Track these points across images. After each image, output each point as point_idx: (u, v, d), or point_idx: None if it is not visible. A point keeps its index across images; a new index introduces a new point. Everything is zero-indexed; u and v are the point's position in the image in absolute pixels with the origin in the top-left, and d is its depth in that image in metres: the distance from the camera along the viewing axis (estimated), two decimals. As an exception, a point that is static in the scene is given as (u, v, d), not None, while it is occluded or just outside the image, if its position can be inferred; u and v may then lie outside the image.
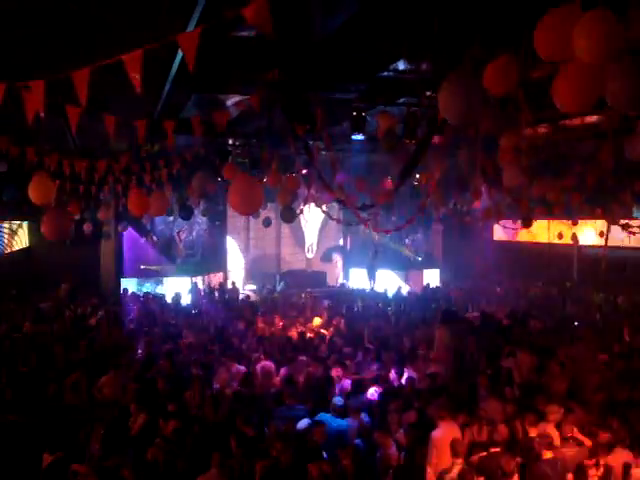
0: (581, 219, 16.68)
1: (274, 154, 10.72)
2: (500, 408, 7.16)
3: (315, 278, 21.15)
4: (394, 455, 6.24)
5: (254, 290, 19.77)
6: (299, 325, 12.74)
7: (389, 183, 12.41)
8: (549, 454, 5.92)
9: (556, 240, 18.36)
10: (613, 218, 13.83)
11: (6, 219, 15.42)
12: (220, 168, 11.90)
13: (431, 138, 7.54)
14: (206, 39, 3.43)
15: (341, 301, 16.53)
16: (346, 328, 12.49)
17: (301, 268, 22.38)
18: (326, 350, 10.16)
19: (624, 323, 12.22)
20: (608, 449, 6.05)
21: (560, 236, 17.80)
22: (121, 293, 16.79)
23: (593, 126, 9.35)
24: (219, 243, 20.56)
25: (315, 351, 10.14)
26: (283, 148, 10.34)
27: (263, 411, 7.18)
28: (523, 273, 20.03)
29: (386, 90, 8.53)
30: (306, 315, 14.06)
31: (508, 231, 19.60)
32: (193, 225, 19.43)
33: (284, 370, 8.98)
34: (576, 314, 14.56)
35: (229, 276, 20.74)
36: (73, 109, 4.63)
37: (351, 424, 6.88)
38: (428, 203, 12.33)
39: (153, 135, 9.02)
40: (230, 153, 12.14)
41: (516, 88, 4.76)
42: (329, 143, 10.24)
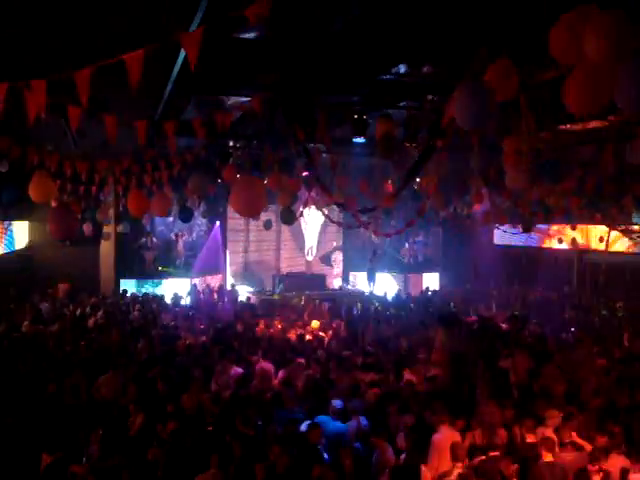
0: (580, 224, 16.69)
1: (275, 156, 10.72)
2: (499, 412, 7.15)
3: (314, 281, 21.13)
4: (390, 459, 6.22)
5: (253, 292, 19.76)
6: (298, 328, 12.73)
7: (389, 187, 12.42)
8: (549, 457, 5.91)
9: (556, 245, 18.35)
10: (613, 223, 13.84)
11: (6, 219, 15.39)
12: (220, 170, 11.92)
13: (435, 145, 7.54)
14: (208, 40, 3.43)
15: (340, 304, 16.53)
16: (345, 331, 12.48)
17: (300, 271, 22.36)
18: (325, 353, 10.15)
19: (624, 328, 12.22)
20: (606, 454, 6.04)
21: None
22: (120, 293, 16.79)
23: (594, 131, 9.36)
24: (219, 245, 20.57)
25: (314, 353, 10.13)
26: (284, 150, 10.34)
27: (262, 413, 7.16)
28: (523, 277, 20.03)
29: (387, 93, 8.54)
30: (305, 318, 14.03)
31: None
32: (193, 227, 19.44)
33: (282, 372, 8.97)
34: (575, 319, 14.56)
35: (228, 278, 20.73)
36: (74, 109, 4.64)
37: (350, 427, 6.86)
38: (428, 206, 12.32)
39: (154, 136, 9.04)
40: (231, 155, 12.13)
41: (517, 93, 4.78)
42: (330, 146, 10.24)
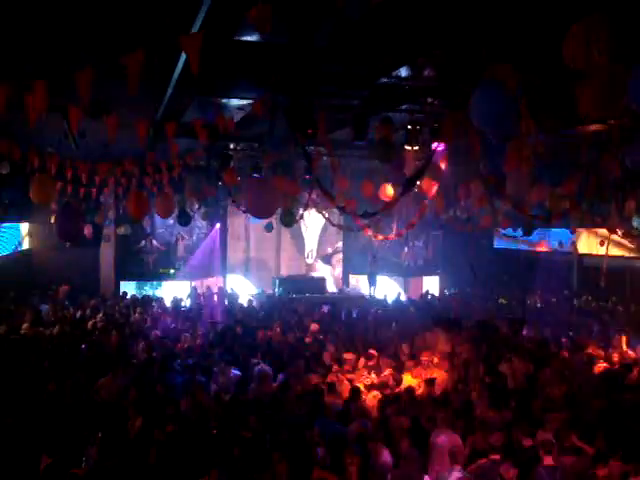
0: (580, 228, 16.69)
1: (275, 158, 10.74)
2: (498, 415, 7.15)
3: (314, 284, 21.12)
4: (387, 462, 6.20)
5: (253, 295, 19.76)
6: (297, 330, 12.72)
7: (389, 190, 12.40)
8: (549, 460, 5.90)
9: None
10: (613, 227, 13.84)
11: (7, 220, 15.42)
12: (220, 172, 11.94)
13: (434, 153, 7.56)
14: (209, 42, 3.44)
15: (340, 307, 16.52)
16: (345, 334, 12.46)
17: (300, 273, 22.36)
18: (324, 355, 10.15)
19: (622, 332, 12.21)
20: (606, 457, 6.03)
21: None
22: (120, 296, 16.79)
23: (594, 135, 9.37)
24: (219, 247, 20.60)
25: (313, 356, 10.12)
26: (284, 152, 10.35)
27: (261, 416, 7.15)
28: (522, 281, 20.03)
29: (388, 96, 8.54)
30: (304, 320, 14.02)
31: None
32: (193, 229, 19.46)
33: (282, 375, 8.97)
34: (574, 322, 14.56)
35: (228, 280, 20.73)
36: (75, 111, 4.65)
37: (350, 430, 6.86)
38: (428, 210, 12.33)
39: (155, 138, 9.06)
40: (231, 157, 12.15)
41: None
42: (330, 149, 10.25)
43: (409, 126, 8.81)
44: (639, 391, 8.43)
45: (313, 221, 21.56)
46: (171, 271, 19.15)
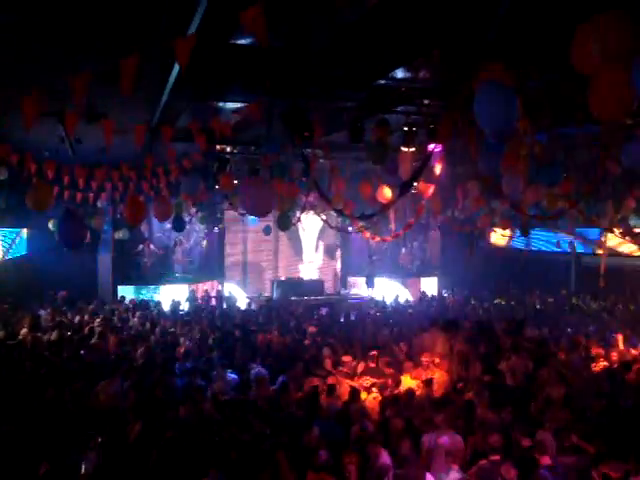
0: (577, 227, 16.71)
1: (272, 161, 10.74)
2: (498, 416, 7.14)
3: (312, 286, 21.11)
4: (386, 464, 6.19)
5: (251, 298, 19.74)
6: (296, 333, 12.70)
7: (386, 192, 12.42)
8: (545, 460, 5.90)
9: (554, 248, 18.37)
10: (610, 226, 13.86)
11: (5, 226, 15.40)
12: (217, 176, 11.93)
13: (431, 155, 7.57)
14: (203, 45, 3.44)
15: (339, 309, 16.51)
16: (344, 336, 12.45)
17: (298, 276, 22.35)
18: (323, 357, 10.13)
19: (621, 331, 12.21)
20: (607, 457, 6.03)
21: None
22: (118, 300, 16.76)
23: (592, 134, 9.38)
24: (217, 251, 20.58)
25: (312, 359, 10.10)
26: (281, 155, 10.35)
27: (260, 418, 7.14)
28: (520, 281, 20.04)
29: (384, 98, 8.55)
30: (303, 323, 14.00)
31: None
32: (190, 233, 19.45)
33: (281, 378, 8.95)
34: (573, 322, 14.56)
35: (227, 284, 20.71)
36: (71, 116, 4.65)
37: (350, 431, 6.84)
38: (425, 211, 12.36)
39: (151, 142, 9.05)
40: (228, 161, 12.13)
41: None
42: (327, 151, 10.26)
43: (405, 127, 8.83)
44: (638, 390, 8.43)
45: (310, 224, 21.54)
46: (169, 275, 19.14)
